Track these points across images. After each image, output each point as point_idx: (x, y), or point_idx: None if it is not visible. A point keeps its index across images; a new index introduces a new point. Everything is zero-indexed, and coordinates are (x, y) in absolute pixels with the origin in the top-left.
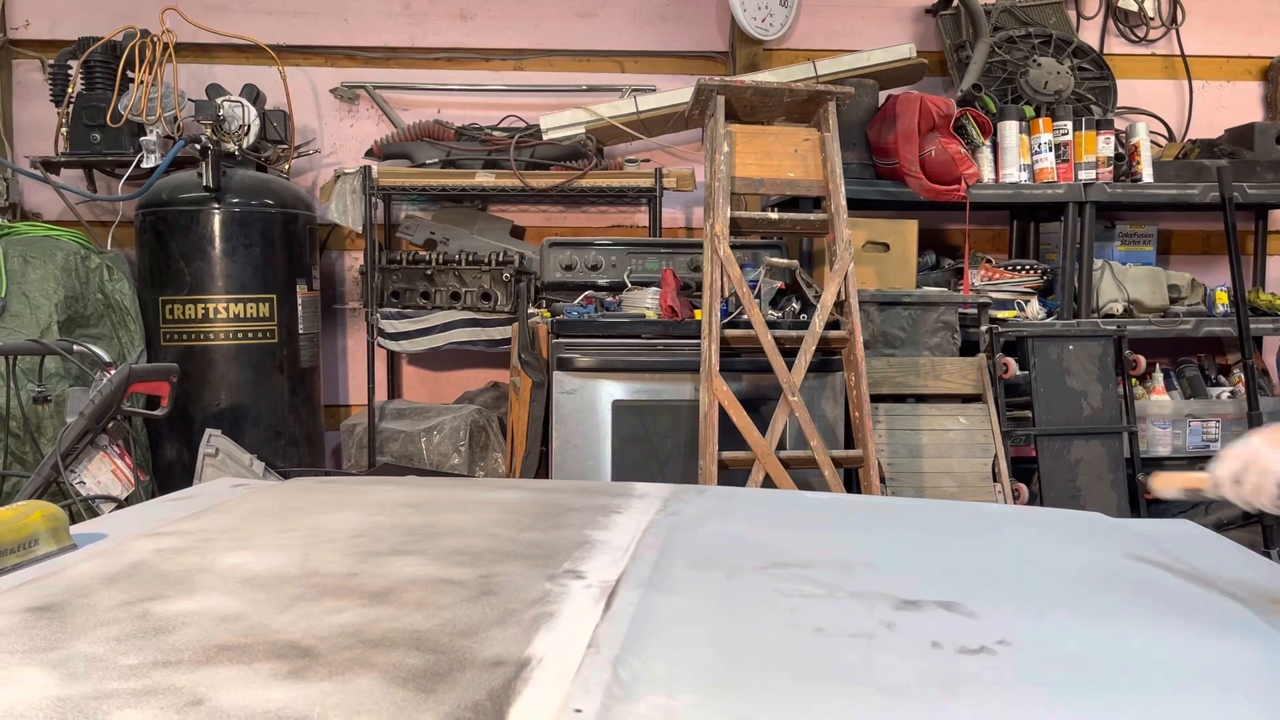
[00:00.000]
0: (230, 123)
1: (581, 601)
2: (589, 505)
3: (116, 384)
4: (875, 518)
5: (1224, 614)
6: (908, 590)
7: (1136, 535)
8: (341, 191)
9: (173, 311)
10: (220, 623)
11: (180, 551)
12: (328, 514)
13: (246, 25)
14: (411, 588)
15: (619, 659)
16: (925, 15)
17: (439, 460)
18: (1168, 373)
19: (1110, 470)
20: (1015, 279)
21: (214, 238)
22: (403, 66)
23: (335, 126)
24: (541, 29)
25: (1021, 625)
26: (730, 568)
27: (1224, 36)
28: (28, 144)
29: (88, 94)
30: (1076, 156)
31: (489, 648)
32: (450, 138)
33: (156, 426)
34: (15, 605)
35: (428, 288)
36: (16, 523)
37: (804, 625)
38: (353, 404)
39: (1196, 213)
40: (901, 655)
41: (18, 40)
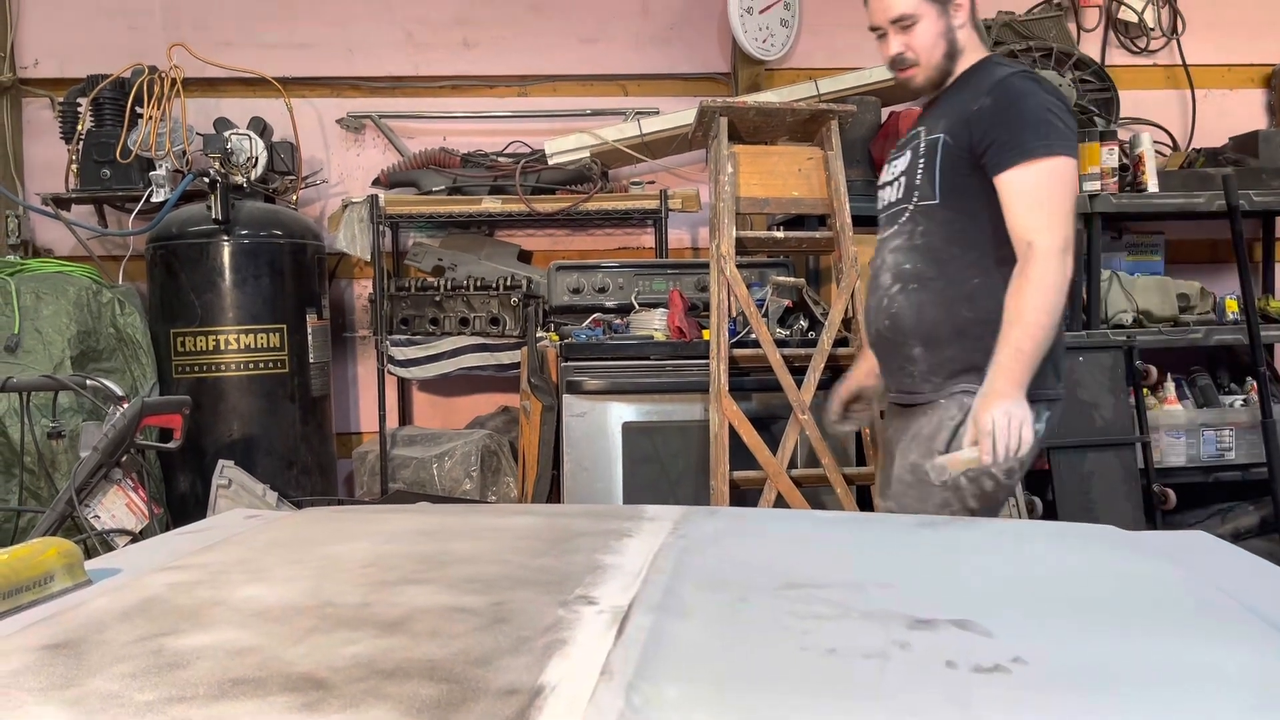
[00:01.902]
0: (238, 155)
1: (594, 627)
2: (600, 529)
3: (129, 418)
4: (888, 536)
5: (1243, 627)
6: (921, 609)
7: (1152, 548)
8: (349, 220)
9: (184, 344)
10: (234, 656)
11: (194, 585)
12: (341, 544)
13: (253, 59)
14: (424, 616)
15: (632, 685)
16: None
17: (451, 486)
18: (1179, 382)
19: (1124, 482)
20: None
21: (224, 269)
22: (407, 95)
23: (342, 156)
24: (544, 55)
25: (1037, 642)
26: (742, 589)
27: (1225, 45)
28: (39, 181)
29: (97, 130)
30: (1081, 168)
31: (502, 676)
32: (456, 165)
33: (169, 459)
34: (31, 643)
35: (436, 314)
36: (31, 560)
37: (817, 646)
38: (364, 431)
39: (1203, 221)
40: (916, 675)
41: (27, 79)
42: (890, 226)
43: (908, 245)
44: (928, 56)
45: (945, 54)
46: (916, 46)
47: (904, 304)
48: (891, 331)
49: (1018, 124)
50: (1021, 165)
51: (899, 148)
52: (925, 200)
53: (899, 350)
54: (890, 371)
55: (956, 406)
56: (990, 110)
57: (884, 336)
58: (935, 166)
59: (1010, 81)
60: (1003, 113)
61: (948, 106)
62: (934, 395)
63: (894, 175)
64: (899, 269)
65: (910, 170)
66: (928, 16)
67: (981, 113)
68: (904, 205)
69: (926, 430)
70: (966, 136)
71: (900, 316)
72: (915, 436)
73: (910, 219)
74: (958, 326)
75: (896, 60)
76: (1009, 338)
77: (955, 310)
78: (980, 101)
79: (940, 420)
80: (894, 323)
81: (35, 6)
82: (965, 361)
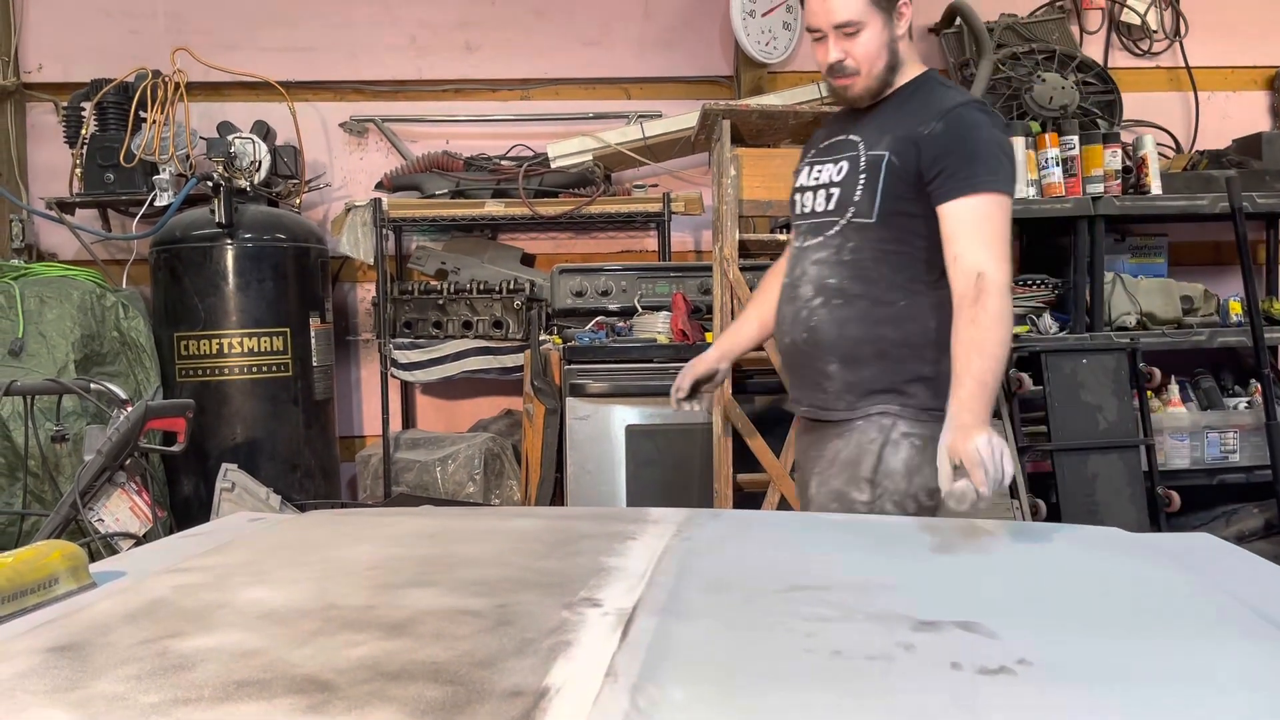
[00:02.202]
0: (242, 159)
1: (599, 630)
2: (604, 532)
3: (133, 421)
4: (891, 537)
5: (1248, 629)
6: (926, 611)
7: (1157, 550)
8: (352, 224)
9: (188, 347)
10: (239, 658)
11: (199, 588)
12: (345, 546)
13: (256, 63)
14: (429, 619)
15: (637, 687)
16: (929, 34)
17: (454, 489)
18: (1183, 384)
19: (1128, 484)
20: (1026, 294)
21: (227, 273)
22: (410, 99)
23: (345, 160)
24: (547, 58)
25: (1042, 645)
26: (746, 591)
27: (1227, 47)
28: (43, 185)
29: (101, 135)
30: (1084, 170)
31: (507, 678)
32: (459, 168)
33: (173, 462)
34: (37, 645)
35: (440, 317)
36: (36, 562)
37: (822, 648)
38: (367, 435)
39: (1207, 223)
40: (920, 677)
41: (31, 84)
42: (814, 236)
43: (834, 259)
44: (869, 67)
45: (887, 65)
46: (859, 55)
47: (825, 319)
48: (809, 345)
49: (970, 155)
50: (971, 196)
51: (823, 151)
52: (860, 217)
53: (814, 365)
54: (801, 384)
55: (875, 429)
56: (942, 136)
57: (800, 349)
58: (877, 186)
59: (964, 111)
60: (955, 141)
61: (890, 122)
62: (848, 414)
63: (820, 182)
64: (822, 282)
65: (847, 184)
66: (873, 25)
67: (933, 138)
68: (834, 218)
69: (846, 454)
70: (914, 159)
71: (820, 331)
72: (835, 461)
73: (840, 233)
74: (880, 348)
75: (835, 68)
76: (971, 370)
77: (879, 331)
78: (931, 126)
79: (860, 444)
80: (812, 336)
81: (39, 11)
82: (883, 383)
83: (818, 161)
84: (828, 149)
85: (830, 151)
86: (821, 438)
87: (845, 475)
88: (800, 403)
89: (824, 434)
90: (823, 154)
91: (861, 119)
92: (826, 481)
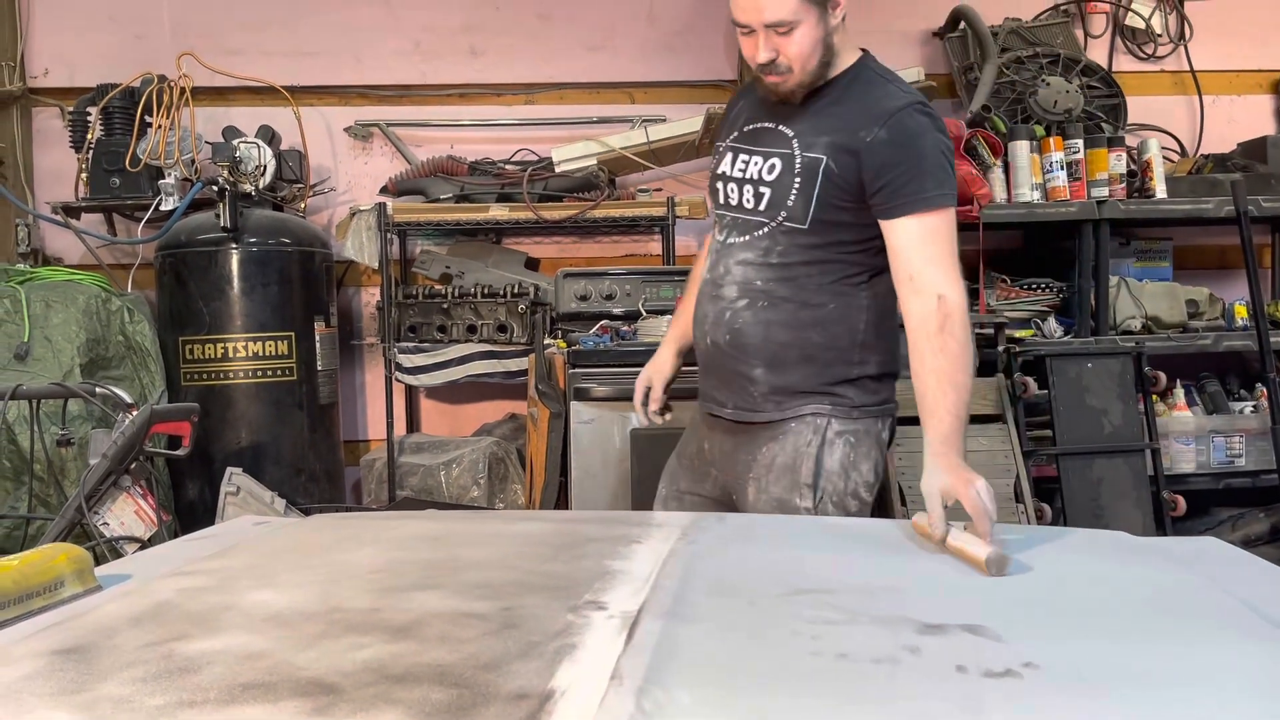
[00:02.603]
0: (246, 164)
1: (604, 632)
2: (609, 535)
3: (138, 425)
4: (896, 541)
5: (1255, 633)
6: (931, 614)
7: (1163, 554)
8: (357, 228)
9: (192, 351)
10: (245, 661)
11: (204, 591)
12: (349, 550)
13: (261, 67)
14: (434, 622)
15: (642, 690)
16: (932, 38)
17: (458, 493)
18: (1189, 388)
19: (1134, 488)
20: (1031, 298)
21: (232, 277)
22: (415, 104)
23: (350, 164)
24: (552, 63)
25: (1047, 647)
26: (751, 595)
27: (1232, 51)
28: (48, 190)
29: (107, 139)
30: (1089, 174)
31: (512, 681)
32: (463, 172)
33: (178, 466)
34: (42, 648)
35: (444, 321)
36: (42, 565)
37: (827, 652)
38: (372, 439)
39: (1212, 227)
40: (926, 680)
41: (37, 89)
42: (739, 235)
43: (761, 261)
44: (803, 64)
45: (821, 61)
46: (792, 54)
47: (750, 321)
48: (732, 348)
49: (917, 168)
50: (920, 214)
51: (747, 138)
52: (793, 222)
53: (736, 368)
54: (722, 386)
55: (810, 430)
56: (886, 146)
57: (722, 350)
58: (813, 192)
59: (906, 117)
60: (900, 151)
61: (827, 121)
62: (779, 415)
63: (747, 176)
64: (749, 284)
65: (780, 185)
66: (807, 22)
67: (876, 147)
68: (764, 220)
69: (783, 460)
70: (855, 169)
71: (745, 334)
72: (772, 467)
73: (769, 235)
74: (806, 352)
75: (767, 66)
76: (946, 405)
77: (805, 334)
78: (874, 133)
79: (797, 448)
80: (736, 339)
81: (45, 16)
82: (810, 385)
83: (742, 149)
84: (753, 136)
85: (757, 140)
86: (751, 441)
87: (785, 482)
88: (723, 405)
89: (754, 437)
90: (748, 141)
91: (792, 109)
92: (765, 489)
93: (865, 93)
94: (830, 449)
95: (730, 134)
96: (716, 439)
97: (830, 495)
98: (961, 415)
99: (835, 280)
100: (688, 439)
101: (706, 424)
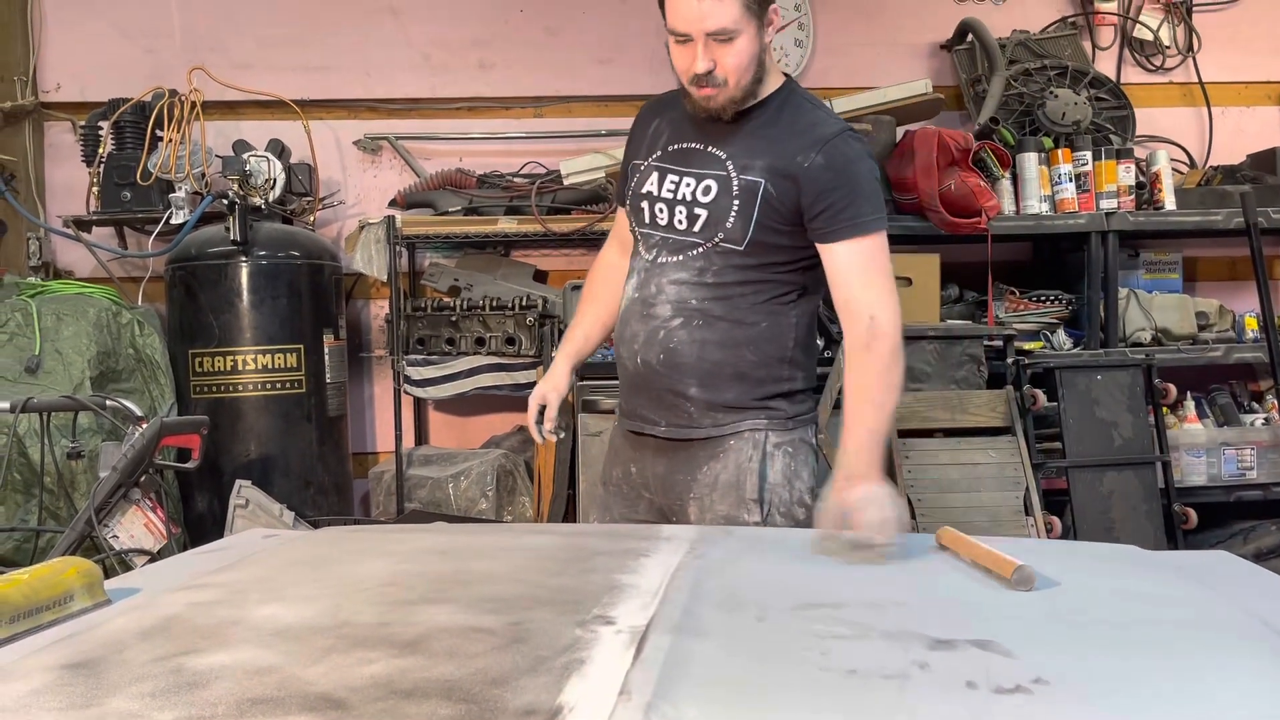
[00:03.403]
0: (256, 177)
1: (612, 647)
2: (617, 549)
3: (148, 438)
4: (904, 555)
5: (1267, 647)
6: (941, 629)
7: (1174, 567)
8: (366, 241)
9: (202, 364)
10: (253, 675)
11: (213, 604)
12: (358, 563)
13: (271, 81)
14: (442, 636)
15: (651, 705)
16: (940, 51)
17: (467, 506)
18: (1199, 401)
19: (1145, 501)
20: (1040, 310)
21: (242, 290)
22: (424, 117)
23: (359, 177)
24: (561, 76)
25: (1059, 663)
26: (760, 609)
27: (1242, 62)
28: (60, 204)
29: (118, 153)
30: (1097, 186)
31: (521, 696)
32: (472, 185)
33: (187, 479)
34: (51, 662)
35: (453, 334)
36: (52, 579)
37: (837, 667)
38: (380, 451)
39: (1221, 239)
40: (936, 696)
41: (49, 103)
42: (671, 254)
43: (696, 281)
44: (738, 78)
45: (754, 77)
46: (729, 66)
47: (685, 340)
48: (665, 367)
49: (854, 193)
50: (857, 239)
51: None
52: (729, 243)
53: (670, 387)
54: (651, 405)
55: (750, 445)
56: (824, 172)
57: (654, 370)
58: (752, 215)
59: (841, 144)
60: (837, 177)
61: (761, 143)
62: (716, 432)
63: (679, 197)
64: (682, 303)
65: (717, 208)
66: (747, 34)
67: (813, 172)
68: (699, 241)
69: (726, 477)
70: (793, 194)
71: (679, 353)
72: (716, 485)
73: (703, 255)
74: (739, 369)
75: (702, 77)
76: (862, 419)
77: (739, 353)
78: (811, 159)
79: (739, 464)
80: (670, 358)
81: (57, 31)
82: (745, 401)
83: (670, 169)
84: (681, 156)
85: (686, 161)
86: (689, 460)
87: (731, 499)
88: (655, 423)
89: (691, 455)
90: (676, 161)
91: (722, 130)
92: (710, 507)
93: (797, 117)
94: (771, 462)
95: (652, 153)
96: (646, 460)
97: (777, 507)
98: (876, 430)
99: (768, 300)
100: (610, 464)
101: (631, 445)
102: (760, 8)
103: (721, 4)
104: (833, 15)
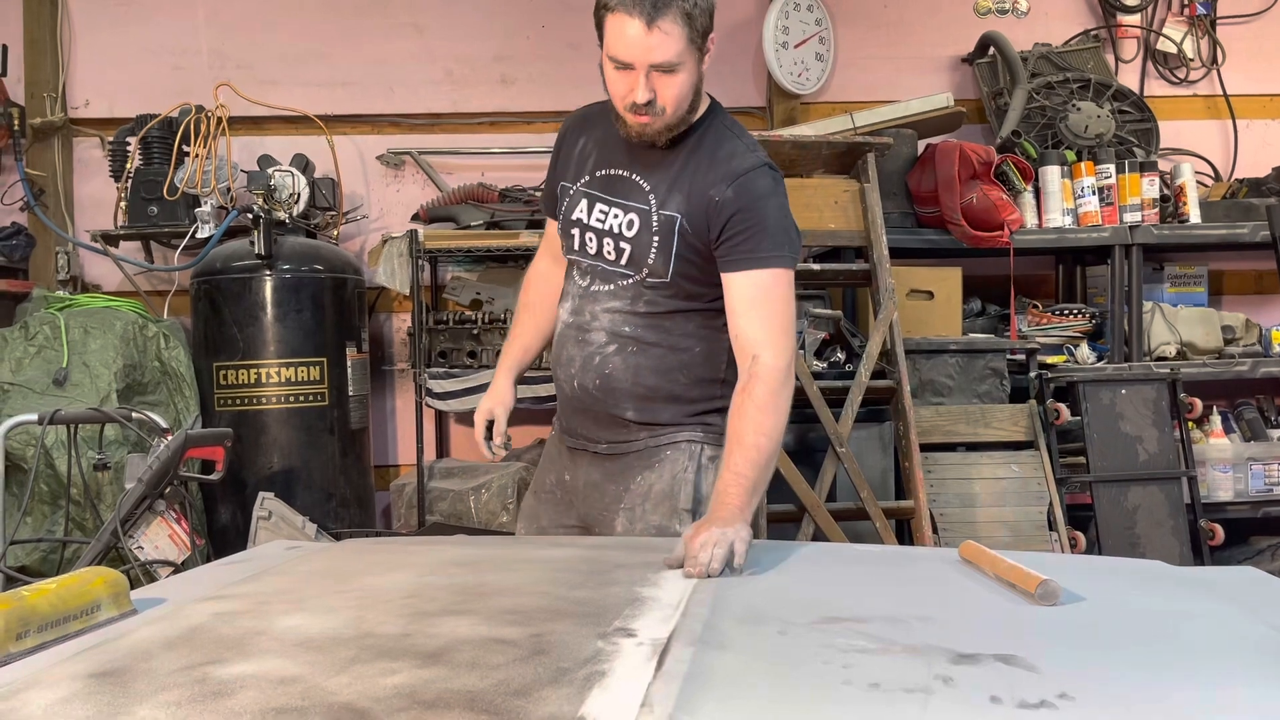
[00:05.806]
0: (281, 192)
1: (634, 660)
2: (638, 561)
3: (173, 450)
4: (928, 569)
5: None
6: (964, 643)
7: (1200, 583)
8: (389, 255)
9: (226, 377)
10: (278, 685)
11: (237, 615)
12: (380, 575)
13: (296, 97)
14: (464, 647)
15: (672, 717)
16: (961, 64)
17: (487, 518)
18: (1225, 415)
19: (1170, 516)
20: (1063, 323)
21: (266, 304)
22: (446, 132)
23: (382, 192)
24: (581, 90)
25: (1083, 678)
26: (782, 623)
27: (1266, 74)
28: (88, 218)
29: (145, 169)
30: (1121, 199)
31: (542, 708)
32: (494, 200)
33: (211, 491)
34: (79, 671)
35: (474, 347)
36: (79, 589)
37: (859, 681)
38: (402, 464)
39: (1247, 252)
40: (959, 711)
41: (78, 119)
42: (604, 283)
43: (628, 309)
44: (676, 108)
45: (691, 105)
46: (670, 97)
47: (620, 366)
48: (601, 391)
49: (758, 228)
50: (754, 270)
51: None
52: (655, 278)
53: (607, 410)
54: (591, 425)
55: (685, 456)
56: (731, 205)
57: (591, 393)
58: (671, 249)
59: (754, 180)
60: (745, 212)
61: (681, 176)
62: (653, 442)
63: (606, 228)
64: (617, 330)
65: (639, 243)
66: (688, 66)
67: (723, 205)
68: (628, 273)
69: (660, 487)
70: (705, 227)
71: (614, 378)
72: (649, 495)
73: (634, 287)
74: (674, 392)
75: (641, 106)
76: (731, 462)
77: (673, 376)
78: (722, 192)
79: (674, 475)
80: (606, 383)
81: (86, 48)
82: (680, 418)
83: (599, 198)
84: (609, 185)
85: (613, 190)
86: (624, 471)
87: (663, 509)
88: (596, 441)
89: (626, 466)
90: (603, 189)
91: (649, 158)
92: (642, 517)
93: (718, 146)
94: (705, 474)
95: (580, 176)
96: (581, 469)
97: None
98: (746, 474)
99: (698, 325)
100: (544, 472)
101: (568, 455)
102: (702, 39)
103: (668, 38)
104: (854, 29)
